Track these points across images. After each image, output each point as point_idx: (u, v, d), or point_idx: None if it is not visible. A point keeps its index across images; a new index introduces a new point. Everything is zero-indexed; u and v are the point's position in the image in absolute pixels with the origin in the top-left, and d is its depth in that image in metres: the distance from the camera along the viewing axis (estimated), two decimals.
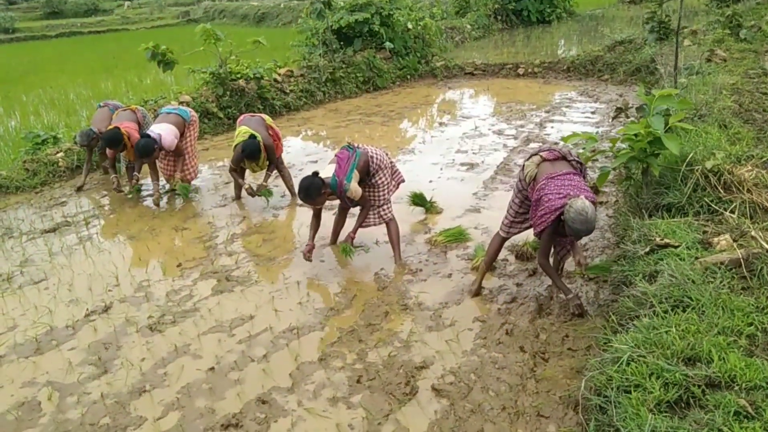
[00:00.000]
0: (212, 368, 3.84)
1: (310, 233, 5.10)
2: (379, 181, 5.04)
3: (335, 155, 4.96)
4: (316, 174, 4.67)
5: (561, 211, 3.81)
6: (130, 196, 7.10)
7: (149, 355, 4.02)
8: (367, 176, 5.00)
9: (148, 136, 6.48)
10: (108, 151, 6.98)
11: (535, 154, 4.25)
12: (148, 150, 6.44)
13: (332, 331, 4.19)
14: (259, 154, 6.28)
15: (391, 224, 5.17)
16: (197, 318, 4.44)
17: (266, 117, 6.66)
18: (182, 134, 6.92)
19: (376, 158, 4.99)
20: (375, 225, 5.17)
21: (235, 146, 6.30)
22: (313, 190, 4.66)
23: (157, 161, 6.89)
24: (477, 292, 4.54)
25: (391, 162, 5.20)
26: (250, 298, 4.70)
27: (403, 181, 5.34)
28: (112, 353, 4.07)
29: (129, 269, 5.26)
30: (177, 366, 3.89)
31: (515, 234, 4.46)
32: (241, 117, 6.63)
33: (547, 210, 3.89)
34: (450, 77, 14.36)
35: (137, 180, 7.17)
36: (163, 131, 6.64)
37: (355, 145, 5.02)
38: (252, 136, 6.21)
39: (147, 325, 4.37)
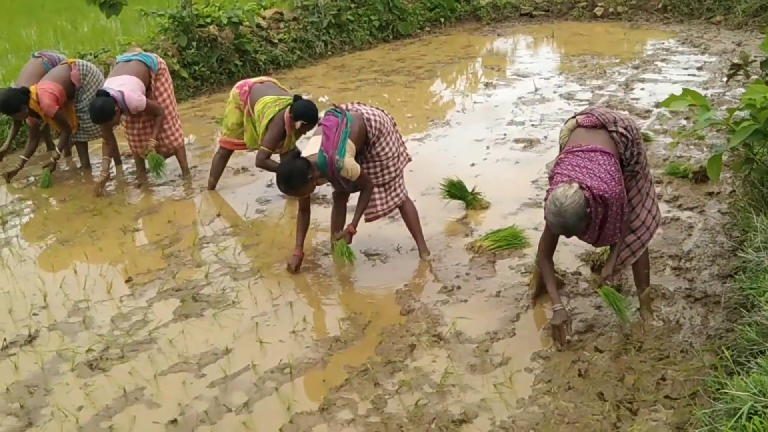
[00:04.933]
0: (174, 421, 3.86)
1: (297, 236, 5.21)
2: (383, 151, 5.08)
3: (319, 124, 5.01)
4: (297, 154, 4.71)
5: None
6: (43, 187, 7.26)
7: (89, 403, 4.05)
8: (365, 146, 5.05)
9: (106, 93, 6.53)
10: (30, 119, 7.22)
11: (573, 117, 4.41)
12: (106, 113, 6.51)
13: (338, 370, 4.20)
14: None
15: (406, 206, 5.26)
16: (153, 352, 4.48)
17: (275, 80, 6.75)
18: (148, 89, 7.00)
19: (375, 120, 5.02)
20: (384, 213, 5.23)
21: (269, 123, 6.14)
22: (296, 177, 4.73)
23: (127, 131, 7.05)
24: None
25: (397, 129, 5.28)
26: (225, 324, 4.73)
27: (409, 159, 5.40)
28: (39, 399, 4.11)
29: (61, 285, 5.32)
30: (126, 417, 3.92)
31: None
32: (245, 86, 6.49)
33: (547, 196, 4.08)
34: (500, 20, 14.34)
35: (55, 159, 7.34)
36: (126, 86, 6.64)
37: (345, 107, 5.05)
38: (297, 97, 6.15)
39: (86, 362, 4.41)
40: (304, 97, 6.44)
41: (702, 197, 6.05)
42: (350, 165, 4.80)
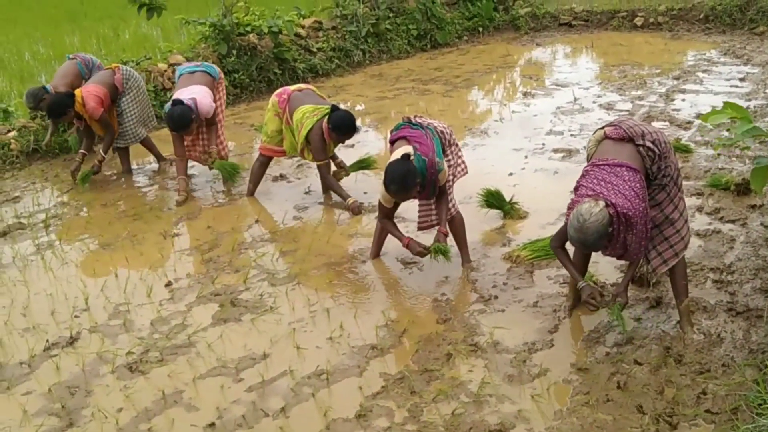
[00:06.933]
0: (212, 424, 3.91)
1: (394, 233, 5.24)
2: (446, 161, 5.25)
3: (397, 136, 5.11)
4: (407, 157, 4.78)
5: None
6: (80, 184, 7.37)
7: (128, 405, 4.11)
8: None
9: (181, 102, 6.61)
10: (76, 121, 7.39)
11: (602, 128, 4.43)
12: (185, 121, 6.58)
13: (374, 377, 4.21)
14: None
15: (457, 217, 5.36)
16: (192, 356, 4.53)
17: (314, 88, 6.83)
18: None
19: (445, 132, 5.29)
20: (438, 224, 5.18)
21: (308, 134, 6.25)
22: (410, 179, 4.79)
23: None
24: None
25: (455, 142, 5.46)
26: (263, 329, 4.77)
27: (465, 173, 5.53)
28: (80, 400, 4.18)
29: (102, 288, 5.40)
30: (165, 420, 3.97)
31: None
32: (284, 94, 6.57)
33: (570, 206, 4.13)
34: (538, 30, 14.29)
35: (100, 161, 7.45)
36: (198, 94, 6.74)
37: (415, 120, 5.19)
38: (334, 108, 6.25)
39: (126, 364, 4.47)
40: (342, 106, 6.50)
41: (744, 210, 5.97)
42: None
